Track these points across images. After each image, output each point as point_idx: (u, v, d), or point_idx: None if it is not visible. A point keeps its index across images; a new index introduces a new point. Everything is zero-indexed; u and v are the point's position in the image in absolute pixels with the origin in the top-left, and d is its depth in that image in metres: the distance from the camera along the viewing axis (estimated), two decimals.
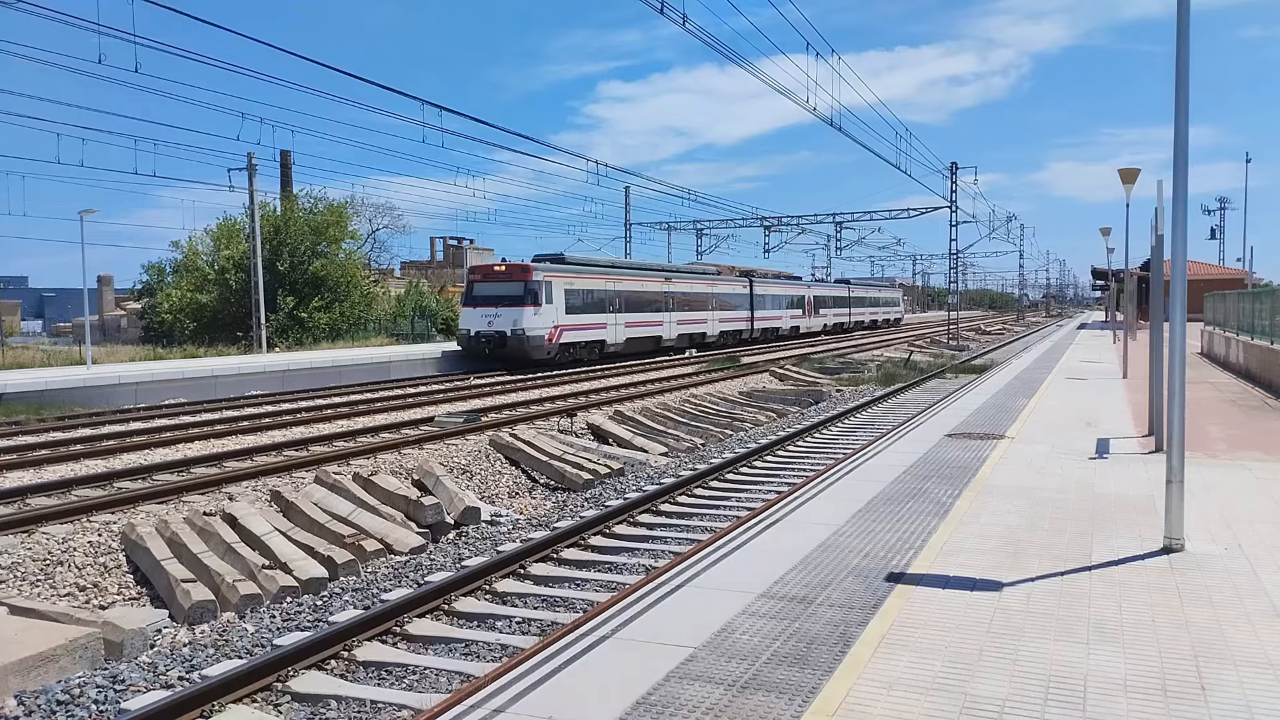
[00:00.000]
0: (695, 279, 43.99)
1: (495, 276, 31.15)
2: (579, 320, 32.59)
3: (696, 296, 42.80)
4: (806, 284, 60.04)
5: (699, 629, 5.33)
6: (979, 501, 8.50)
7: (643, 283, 37.96)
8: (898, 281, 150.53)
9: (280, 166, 40.43)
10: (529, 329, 29.87)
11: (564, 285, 31.85)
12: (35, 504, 10.76)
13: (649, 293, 38.26)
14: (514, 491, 13.47)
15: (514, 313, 29.85)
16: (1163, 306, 11.13)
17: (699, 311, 42.74)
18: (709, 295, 44.03)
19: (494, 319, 29.98)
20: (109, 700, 6.47)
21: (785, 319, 53.80)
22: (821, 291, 62.51)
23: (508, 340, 29.70)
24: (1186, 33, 6.64)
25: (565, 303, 31.59)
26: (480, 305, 30.64)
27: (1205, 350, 28.37)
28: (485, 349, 30.14)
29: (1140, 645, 5.00)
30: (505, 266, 31.38)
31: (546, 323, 30.45)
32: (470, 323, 30.81)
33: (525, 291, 30.21)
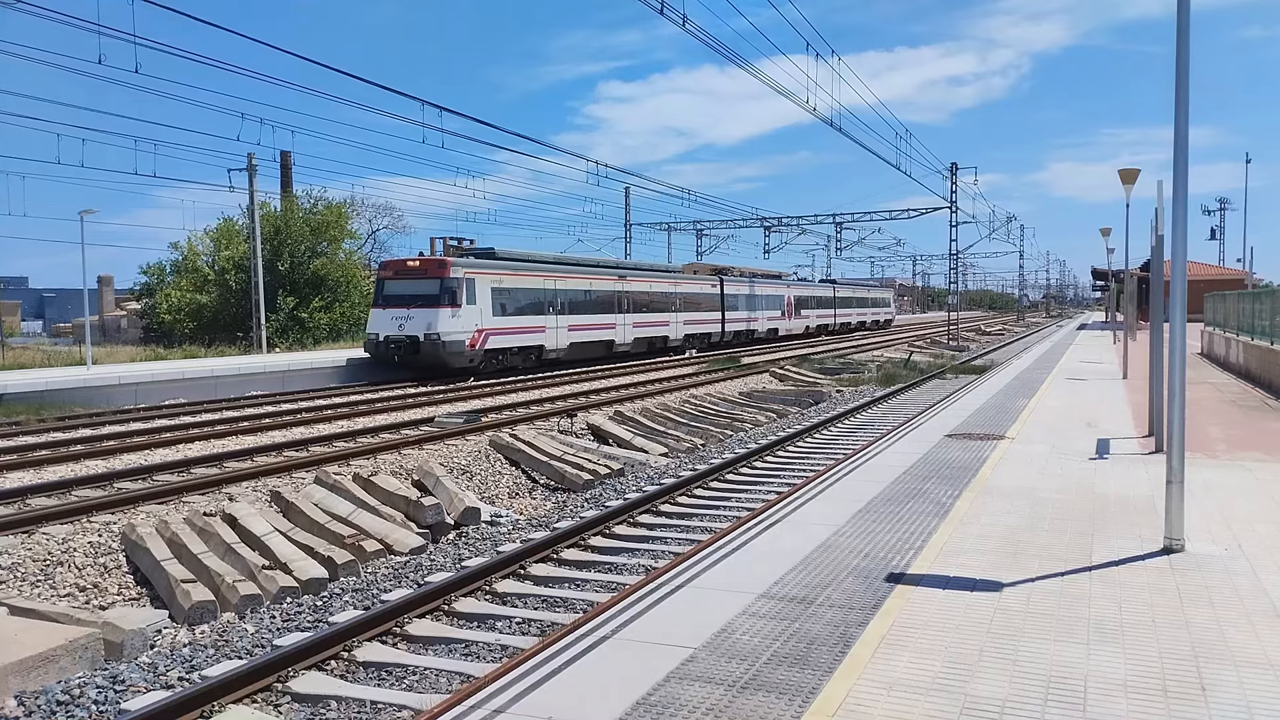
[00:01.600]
0: (656, 277, 40.11)
1: (408, 273, 27.56)
2: (510, 323, 29.09)
3: (657, 296, 39.04)
4: (787, 283, 55.62)
5: (699, 629, 5.33)
6: (979, 502, 8.50)
7: (590, 281, 34.20)
8: (898, 282, 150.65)
9: (280, 167, 40.46)
10: (445, 333, 26.32)
11: (491, 284, 28.34)
12: (35, 504, 10.76)
13: (599, 292, 34.58)
14: (514, 492, 13.47)
15: (428, 315, 26.33)
16: (1163, 307, 11.12)
17: (660, 313, 39.04)
18: (672, 295, 40.26)
19: (405, 322, 26.48)
20: (109, 701, 6.47)
21: (761, 320, 50.20)
22: (804, 291, 58.40)
23: (420, 346, 26.17)
24: (1186, 33, 6.64)
25: (492, 303, 28.14)
26: (391, 306, 27.10)
27: (1205, 351, 28.37)
28: (395, 356, 26.63)
29: (1140, 646, 5.00)
30: (419, 262, 27.84)
31: (468, 326, 27.00)
32: (379, 326, 27.07)
33: (442, 290, 26.68)
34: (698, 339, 42.61)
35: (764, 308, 50.46)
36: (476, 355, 27.43)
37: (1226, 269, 62.76)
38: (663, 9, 17.51)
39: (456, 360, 26.73)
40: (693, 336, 42.08)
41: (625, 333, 36.03)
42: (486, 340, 27.80)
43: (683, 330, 40.90)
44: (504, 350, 28.86)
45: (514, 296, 29.48)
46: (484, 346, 27.69)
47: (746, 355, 38.32)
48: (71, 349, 38.31)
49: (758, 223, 61.37)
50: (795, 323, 54.98)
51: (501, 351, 28.76)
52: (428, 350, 26.17)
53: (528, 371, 29.93)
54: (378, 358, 27.15)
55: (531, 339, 30.29)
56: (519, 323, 29.64)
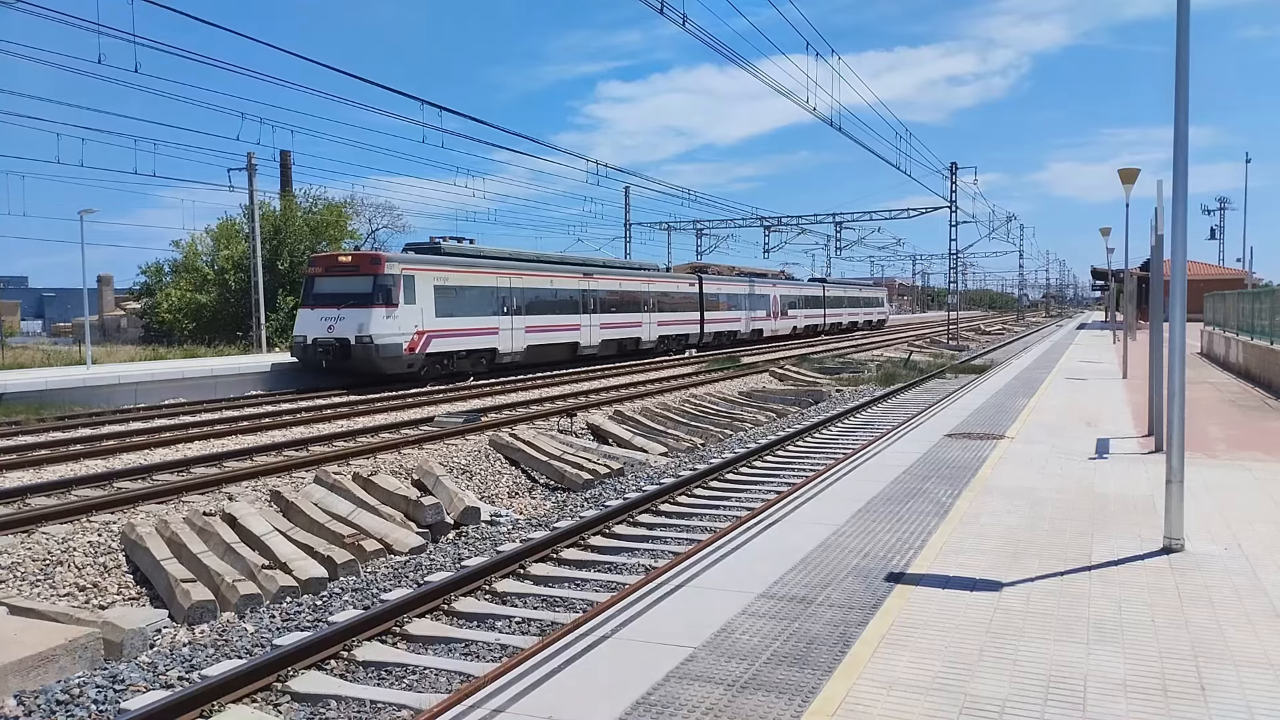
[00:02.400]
0: (626, 275, 37.39)
1: (339, 269, 25.20)
2: (456, 324, 26.61)
3: (628, 295, 36.51)
4: (773, 282, 53.23)
5: (699, 629, 5.33)
6: (979, 501, 8.50)
7: (551, 279, 31.79)
8: (898, 281, 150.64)
9: (280, 166, 40.43)
10: (379, 335, 23.95)
11: (434, 281, 25.94)
12: (35, 504, 10.76)
13: (561, 291, 32.20)
14: (514, 491, 13.47)
15: (359, 315, 24.01)
16: (1162, 306, 11.12)
17: (631, 313, 36.65)
18: (644, 294, 37.74)
19: (335, 323, 24.12)
20: (108, 700, 6.47)
21: (744, 321, 47.81)
22: (792, 290, 55.99)
23: (351, 350, 23.84)
24: (1186, 33, 6.64)
25: (435, 302, 25.75)
26: (320, 306, 24.75)
27: (1205, 350, 28.37)
28: (323, 361, 24.27)
29: (1140, 645, 5.00)
30: (351, 256, 25.76)
31: (405, 327, 24.66)
32: (307, 328, 24.71)
33: (375, 288, 24.38)
34: (674, 341, 40.37)
35: (748, 307, 48.39)
36: (416, 360, 25.24)
37: (1226, 269, 62.77)
38: (663, 9, 17.51)
39: (392, 365, 24.56)
40: (668, 338, 39.82)
41: (591, 334, 33.79)
42: (428, 343, 25.51)
43: (656, 331, 38.62)
44: (449, 354, 26.59)
45: (461, 295, 27.07)
46: (425, 350, 25.44)
47: (746, 355, 38.31)
48: (71, 349, 38.33)
49: (757, 222, 61.34)
50: (782, 323, 53.02)
51: (446, 355, 26.48)
52: (359, 354, 23.87)
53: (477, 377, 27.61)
54: (305, 363, 24.86)
55: (482, 341, 27.93)
56: (467, 324, 27.18)
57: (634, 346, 37.03)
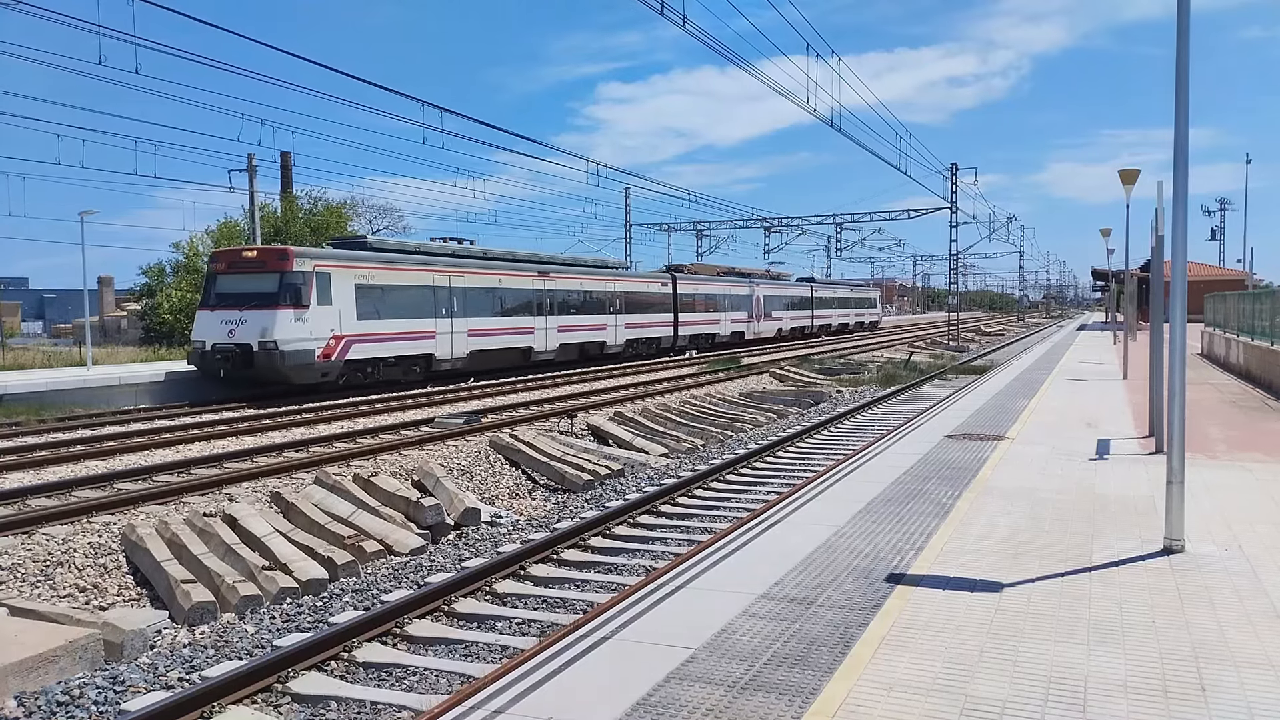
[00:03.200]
0: (588, 274, 34.73)
1: (243, 266, 22.57)
2: (383, 328, 24.06)
3: (590, 296, 34.00)
4: (755, 282, 50.67)
5: (699, 630, 5.33)
6: (979, 502, 8.50)
7: (500, 277, 29.12)
8: (898, 282, 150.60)
9: (280, 167, 40.35)
10: (286, 340, 21.38)
11: (355, 279, 23.44)
12: (35, 505, 10.76)
13: (511, 290, 29.54)
14: (514, 492, 13.47)
15: (263, 318, 21.47)
16: (1163, 307, 11.12)
17: (595, 315, 34.25)
18: (609, 294, 35.14)
19: (236, 327, 21.62)
20: (109, 701, 6.47)
21: (724, 323, 45.56)
22: (775, 291, 53.35)
23: (254, 357, 21.30)
24: (1186, 34, 6.64)
25: (358, 303, 23.29)
26: (222, 307, 22.19)
27: (1205, 351, 28.37)
28: (222, 369, 21.77)
29: (1140, 646, 4.99)
30: (256, 252, 23.03)
31: (319, 331, 22.12)
32: (206, 332, 22.09)
33: (282, 287, 21.78)
34: (643, 344, 37.89)
35: (727, 309, 45.99)
36: (332, 367, 22.71)
37: (1227, 269, 62.75)
38: (663, 10, 17.52)
39: (302, 374, 21.98)
40: (637, 341, 37.37)
41: (547, 338, 31.20)
42: (348, 349, 23.02)
43: (623, 335, 36.08)
44: (374, 361, 24.14)
45: (390, 295, 24.47)
46: (345, 356, 22.98)
47: (746, 356, 38.29)
48: (71, 349, 38.34)
49: (758, 223, 61.38)
50: (765, 325, 50.67)
51: (370, 362, 24.05)
52: (263, 362, 21.36)
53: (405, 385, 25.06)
54: (205, 371, 22.31)
55: (415, 346, 25.34)
56: (397, 327, 24.62)
57: (598, 351, 34.63)
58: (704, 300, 43.81)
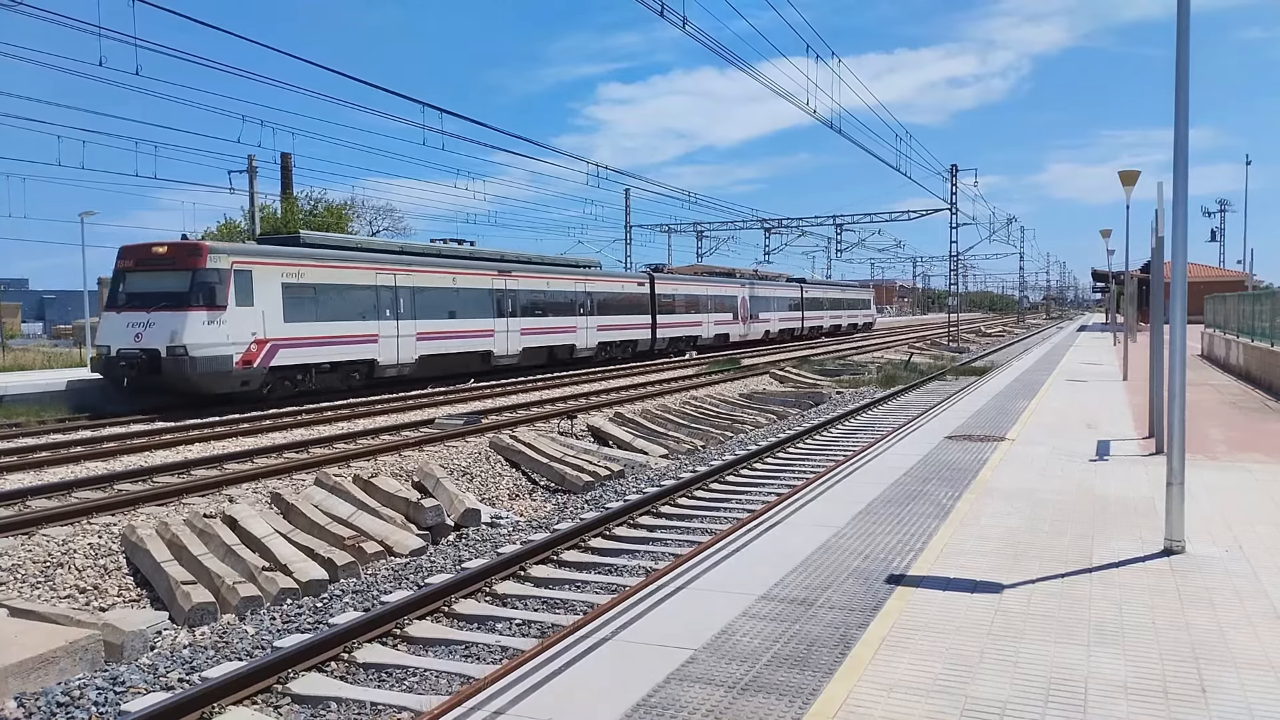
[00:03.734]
0: (556, 273, 32.35)
1: (152, 263, 20.32)
2: (317, 331, 21.98)
3: (558, 296, 32.01)
4: (741, 282, 48.80)
5: (699, 631, 5.32)
6: (979, 503, 8.50)
7: (454, 276, 26.99)
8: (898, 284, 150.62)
9: (280, 169, 40.32)
10: (197, 345, 19.25)
11: (283, 277, 21.38)
12: (35, 506, 10.76)
13: (467, 290, 27.38)
14: (514, 493, 13.47)
15: (172, 320, 19.32)
16: (1163, 308, 11.12)
17: (564, 316, 32.32)
18: (579, 295, 33.15)
19: (143, 330, 19.47)
20: (109, 702, 6.46)
21: (707, 325, 43.64)
22: (763, 291, 51.34)
23: (161, 364, 19.15)
24: (1186, 35, 6.64)
25: (285, 304, 21.27)
26: (129, 308, 20.05)
27: (1205, 352, 28.37)
28: (126, 377, 19.44)
29: (1141, 647, 4.99)
30: (167, 247, 20.46)
31: (239, 335, 20.10)
32: (112, 336, 19.97)
33: (194, 286, 19.61)
34: (617, 348, 36.00)
35: (710, 310, 44.19)
36: (254, 375, 20.61)
37: (1227, 270, 62.77)
38: (663, 11, 17.52)
39: (216, 383, 19.85)
40: (611, 345, 35.43)
41: (508, 341, 29.24)
42: (274, 354, 20.96)
43: (595, 337, 34.06)
44: (306, 367, 22.08)
45: (325, 295, 22.35)
46: (269, 363, 20.88)
47: (746, 357, 38.28)
48: (72, 350, 38.32)
49: (758, 224, 61.40)
50: (752, 327, 48.85)
51: (301, 369, 22.00)
52: (170, 369, 19.16)
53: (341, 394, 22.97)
54: (109, 378, 20.02)
55: (355, 351, 23.27)
56: (333, 330, 22.49)
57: (567, 355, 32.72)
58: (685, 301, 41.91)
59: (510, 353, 29.37)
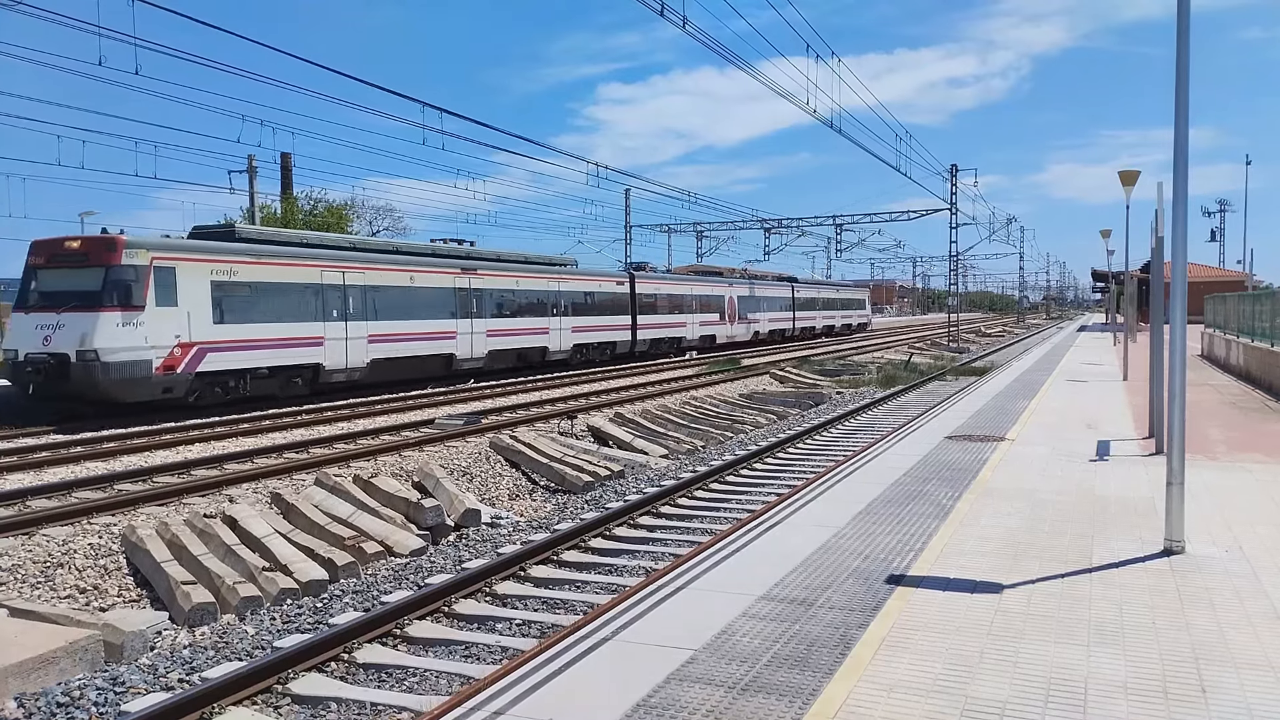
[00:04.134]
0: (525, 271, 30.17)
1: (65, 259, 18.55)
2: (252, 334, 20.26)
3: (528, 296, 30.09)
4: (729, 281, 47.25)
5: (699, 631, 5.32)
6: (979, 503, 8.50)
7: (411, 273, 25.22)
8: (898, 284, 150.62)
9: (280, 168, 40.31)
10: (110, 349, 17.50)
11: (211, 275, 19.59)
12: (35, 506, 10.76)
13: (426, 289, 25.61)
14: (514, 494, 13.47)
15: (83, 321, 17.52)
16: (1163, 309, 11.12)
17: (534, 317, 30.54)
18: (551, 294, 31.33)
19: (52, 333, 17.70)
20: (109, 702, 6.46)
21: (691, 326, 41.93)
22: (751, 291, 49.49)
23: (71, 369, 17.34)
24: (1186, 35, 6.64)
25: (214, 304, 19.53)
26: (39, 309, 18.33)
27: (1205, 352, 28.37)
28: (32, 382, 17.87)
29: (1141, 647, 4.99)
30: (80, 242, 18.80)
31: (159, 338, 18.37)
32: (20, 339, 18.25)
33: (107, 285, 17.82)
34: (595, 349, 34.17)
35: (695, 310, 42.41)
36: (178, 381, 18.85)
37: (1227, 271, 62.78)
38: (663, 10, 17.52)
39: (133, 390, 18.03)
40: (587, 346, 33.55)
41: (473, 343, 27.37)
42: (200, 359, 19.20)
43: (569, 339, 32.20)
44: (239, 372, 20.24)
45: (262, 295, 20.56)
46: (196, 368, 19.15)
47: (747, 357, 38.29)
48: None
49: (758, 224, 61.38)
50: (739, 328, 47.09)
51: (234, 374, 20.16)
52: (80, 376, 17.31)
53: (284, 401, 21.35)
54: (17, 384, 18.40)
55: (297, 355, 21.44)
56: (271, 332, 20.70)
57: (539, 358, 30.68)
58: (667, 301, 39.95)
59: (474, 355, 27.59)
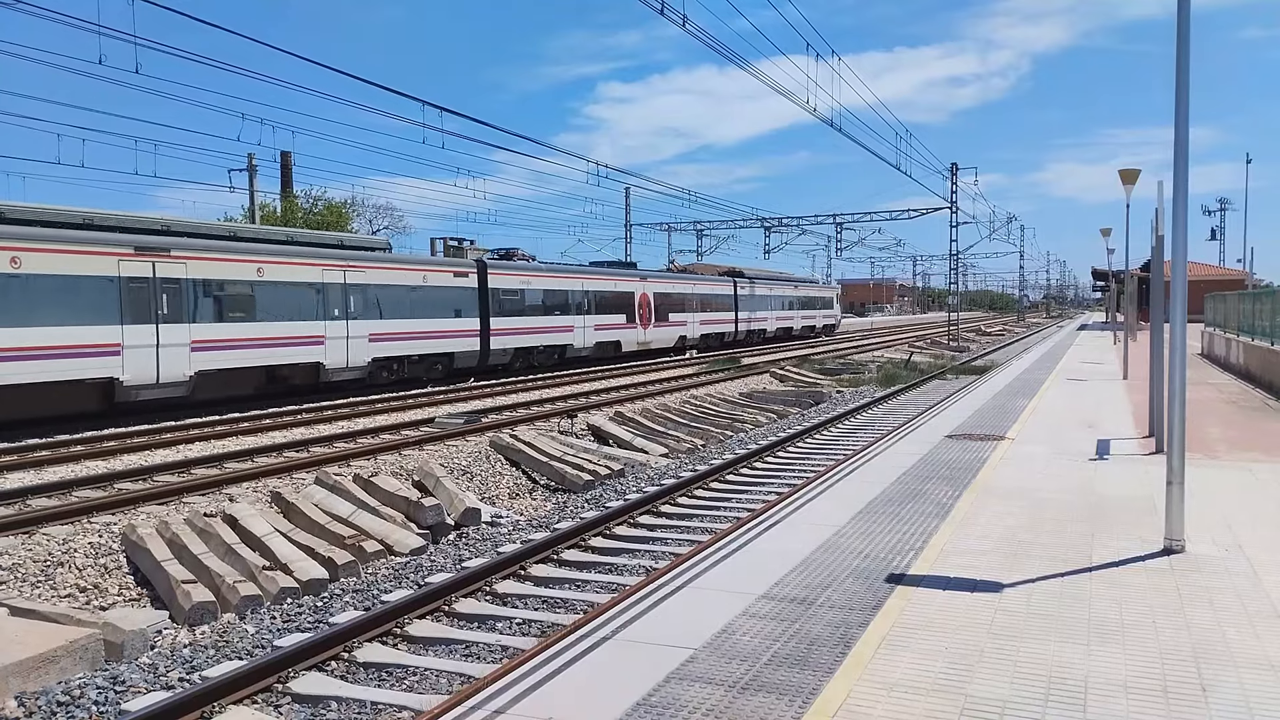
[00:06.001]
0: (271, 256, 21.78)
1: None
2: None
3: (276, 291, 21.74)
4: (641, 274, 38.37)
5: (699, 630, 5.33)
6: (980, 502, 8.50)
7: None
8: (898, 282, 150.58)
9: (280, 167, 40.35)
10: None
11: None
12: (36, 505, 10.76)
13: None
14: (514, 492, 13.47)
15: None
16: (1163, 307, 11.12)
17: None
18: (334, 290, 23.11)
19: None
20: (109, 701, 6.47)
21: (582, 332, 32.91)
22: (674, 287, 40.12)
23: None
24: (1187, 34, 6.64)
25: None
26: None
27: (1205, 351, 28.36)
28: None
29: (1141, 646, 5.00)
30: None
31: None
32: None
33: None
34: (418, 363, 26.12)
35: (586, 310, 33.32)
36: None
37: (1227, 269, 62.78)
38: (663, 9, 17.52)
39: None
40: (407, 360, 25.56)
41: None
42: None
43: (366, 352, 23.76)
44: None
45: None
46: None
47: (747, 356, 38.29)
48: None
49: (758, 223, 61.42)
50: (656, 333, 38.22)
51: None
52: None
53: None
54: None
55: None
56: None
57: (311, 377, 22.92)
58: (540, 299, 30.91)
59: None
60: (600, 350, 34.51)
